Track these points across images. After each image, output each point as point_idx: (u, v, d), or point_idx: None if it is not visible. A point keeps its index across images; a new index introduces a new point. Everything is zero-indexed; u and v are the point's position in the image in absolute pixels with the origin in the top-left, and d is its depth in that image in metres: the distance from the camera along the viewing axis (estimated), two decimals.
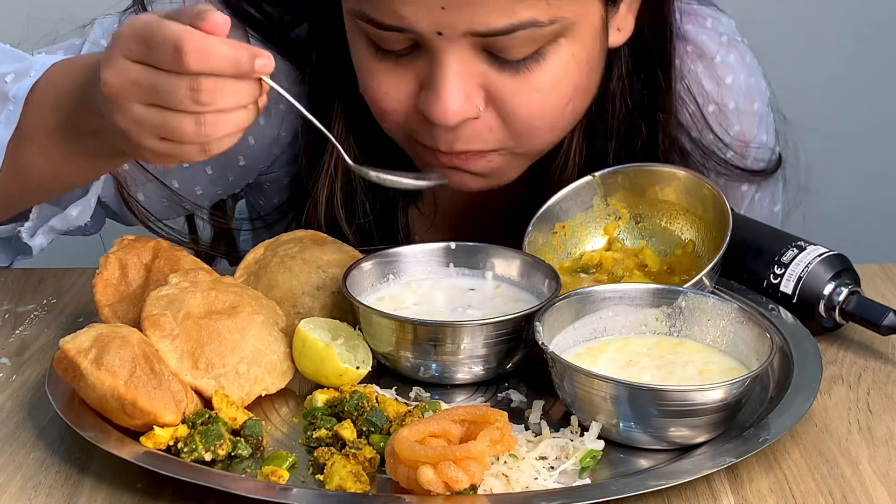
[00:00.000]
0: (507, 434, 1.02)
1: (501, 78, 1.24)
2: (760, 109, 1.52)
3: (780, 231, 1.34)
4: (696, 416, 1.05)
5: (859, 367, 1.22)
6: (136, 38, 1.07)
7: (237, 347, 1.13)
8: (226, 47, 1.06)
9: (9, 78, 1.24)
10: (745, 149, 1.49)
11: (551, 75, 1.24)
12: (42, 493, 1.03)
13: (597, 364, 1.12)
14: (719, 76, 1.47)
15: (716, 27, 1.49)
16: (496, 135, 1.27)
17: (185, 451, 1.04)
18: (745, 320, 1.13)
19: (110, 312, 1.18)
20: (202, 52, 1.05)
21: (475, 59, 1.23)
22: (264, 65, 1.07)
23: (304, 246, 1.25)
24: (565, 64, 1.25)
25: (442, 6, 1.18)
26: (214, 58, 1.05)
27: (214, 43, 1.05)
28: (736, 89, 1.49)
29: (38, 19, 1.51)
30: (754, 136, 1.51)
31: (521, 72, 1.23)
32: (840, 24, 2.26)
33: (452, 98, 1.22)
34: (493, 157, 1.29)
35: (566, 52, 1.24)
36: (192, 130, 1.07)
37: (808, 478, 1.05)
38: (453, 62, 1.22)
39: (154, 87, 1.07)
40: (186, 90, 1.06)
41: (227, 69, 1.06)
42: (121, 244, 1.22)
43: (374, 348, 1.17)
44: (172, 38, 1.05)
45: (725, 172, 1.48)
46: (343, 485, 1.01)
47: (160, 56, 1.06)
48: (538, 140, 1.30)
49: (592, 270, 1.31)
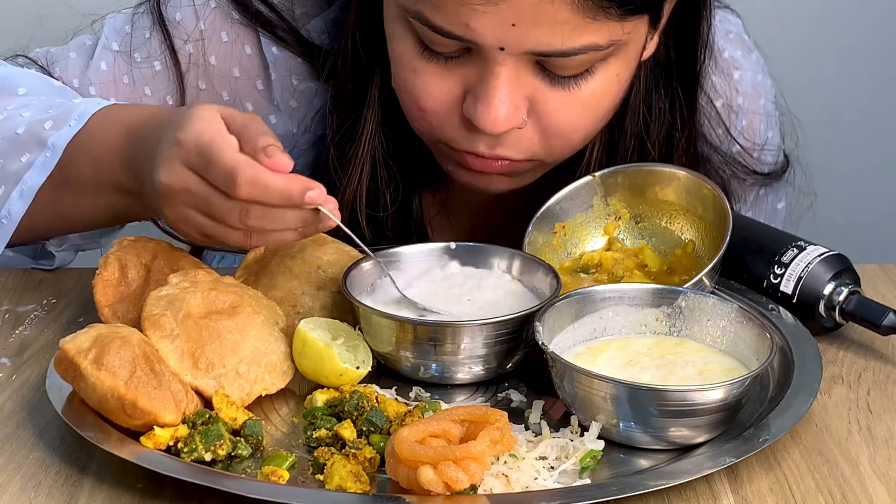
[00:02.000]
0: (507, 434, 1.02)
1: (550, 92, 1.24)
2: (767, 106, 1.52)
3: (780, 231, 1.34)
4: (696, 416, 1.05)
5: (859, 367, 1.22)
6: (198, 152, 1.11)
7: (237, 347, 1.13)
8: (279, 181, 1.09)
9: (47, 125, 1.26)
10: (757, 149, 1.50)
11: (595, 91, 1.25)
12: (42, 493, 1.03)
13: (597, 364, 1.12)
14: (727, 71, 1.48)
15: (723, 24, 1.50)
16: (532, 146, 1.28)
17: (185, 451, 1.04)
18: (745, 320, 1.13)
19: (110, 312, 1.18)
20: (256, 184, 1.08)
21: (527, 73, 1.23)
22: (315, 196, 1.10)
23: (303, 246, 1.25)
24: (609, 82, 1.26)
25: (513, 23, 1.17)
26: (267, 190, 1.09)
27: (269, 176, 1.09)
28: (743, 84, 1.49)
29: (49, 17, 1.51)
30: (760, 134, 1.51)
31: (569, 88, 1.24)
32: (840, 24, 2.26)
33: (502, 107, 1.22)
34: (523, 165, 1.30)
35: (613, 71, 1.25)
36: (238, 240, 1.13)
37: (808, 478, 1.05)
38: (506, 73, 1.22)
39: (207, 201, 1.11)
40: (237, 213, 1.10)
41: (277, 202, 1.09)
42: (121, 244, 1.22)
43: (374, 348, 1.17)
44: (229, 166, 1.09)
45: (744, 178, 1.48)
46: (343, 485, 1.01)
47: (216, 177, 1.10)
48: (569, 151, 1.31)
49: (592, 270, 1.31)
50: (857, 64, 2.26)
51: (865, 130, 2.30)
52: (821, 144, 2.23)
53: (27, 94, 1.32)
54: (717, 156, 1.46)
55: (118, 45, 1.41)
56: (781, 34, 2.19)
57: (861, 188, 2.31)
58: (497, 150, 1.27)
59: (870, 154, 2.31)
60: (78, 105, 1.27)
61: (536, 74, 1.23)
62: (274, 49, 1.41)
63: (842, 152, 2.27)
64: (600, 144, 1.38)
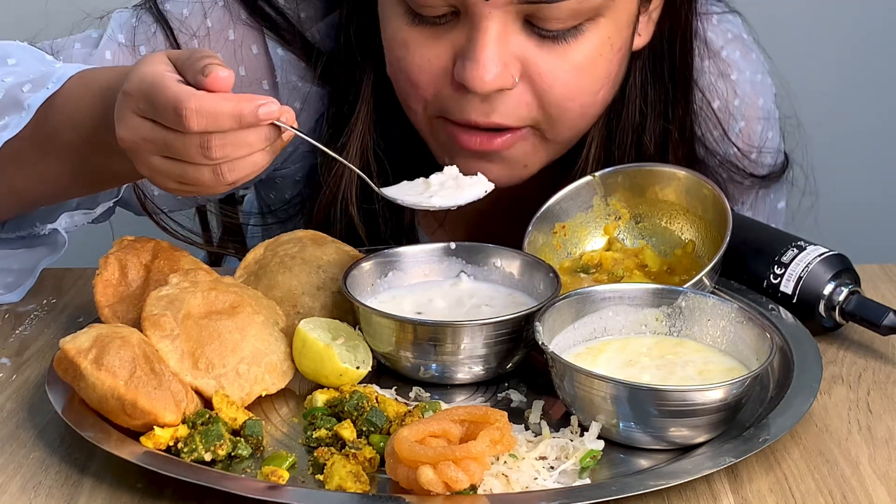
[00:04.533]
0: (507, 434, 1.02)
1: (540, 52, 1.24)
2: (766, 106, 1.52)
3: (780, 231, 1.34)
4: (696, 416, 1.05)
5: (859, 367, 1.22)
6: (143, 97, 1.09)
7: (237, 347, 1.13)
8: (227, 104, 1.06)
9: (26, 87, 1.24)
10: (755, 151, 1.49)
11: (587, 54, 1.25)
12: (42, 493, 1.03)
13: (597, 364, 1.12)
14: (724, 71, 1.47)
15: (722, 24, 1.50)
16: (529, 112, 1.27)
17: (185, 451, 1.04)
18: (745, 320, 1.13)
19: (110, 313, 1.18)
20: (202, 112, 1.06)
21: (516, 30, 1.23)
22: (269, 112, 1.07)
23: (303, 246, 1.25)
24: (601, 45, 1.26)
25: None
26: (216, 117, 1.06)
27: (214, 101, 1.06)
28: (741, 85, 1.49)
29: (57, 12, 1.51)
30: (759, 136, 1.51)
31: (559, 46, 1.24)
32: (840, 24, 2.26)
33: (490, 64, 1.22)
34: (524, 138, 1.29)
35: (604, 33, 1.25)
36: (210, 178, 1.09)
37: (808, 478, 1.05)
38: (494, 29, 1.22)
39: (165, 144, 1.09)
40: (196, 147, 1.07)
41: (230, 125, 1.07)
42: (120, 244, 1.22)
43: (374, 348, 1.17)
44: (172, 101, 1.06)
45: (740, 181, 1.48)
46: (343, 485, 1.01)
47: (164, 116, 1.07)
48: (568, 125, 1.30)
49: (592, 270, 1.31)
50: (857, 64, 2.27)
51: (866, 130, 2.30)
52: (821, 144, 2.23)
53: (17, 64, 1.31)
54: (714, 158, 1.46)
55: (124, 39, 1.41)
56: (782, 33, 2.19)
57: (861, 188, 2.31)
58: (491, 116, 1.26)
59: (870, 154, 2.31)
60: (58, 69, 1.26)
61: (526, 33, 1.24)
62: (279, 51, 1.41)
63: (842, 152, 2.27)
64: (598, 139, 1.38)
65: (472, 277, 1.25)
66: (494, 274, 1.25)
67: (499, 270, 1.25)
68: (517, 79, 1.25)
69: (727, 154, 1.47)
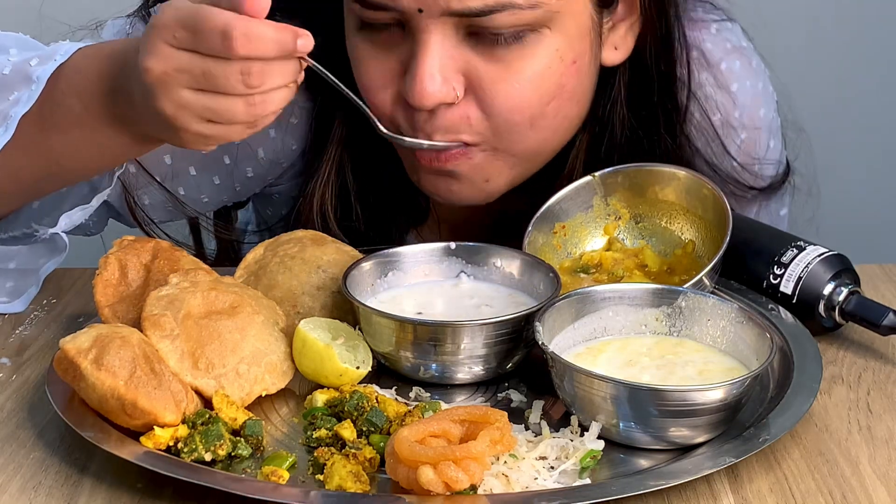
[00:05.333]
0: (507, 434, 1.02)
1: (483, 64, 1.24)
2: (768, 115, 1.50)
3: (779, 231, 1.34)
4: (696, 416, 1.05)
5: (859, 367, 1.22)
6: (181, 25, 1.08)
7: (237, 347, 1.13)
8: (271, 30, 1.07)
9: (33, 62, 1.23)
10: (755, 163, 1.48)
11: (533, 67, 1.25)
12: (42, 493, 1.03)
13: (597, 364, 1.12)
14: (725, 84, 1.46)
15: (721, 33, 1.48)
16: (476, 127, 1.27)
17: (185, 451, 1.04)
18: (745, 320, 1.13)
19: (110, 313, 1.18)
20: (250, 37, 1.06)
21: (457, 44, 1.23)
22: (305, 44, 1.08)
23: (304, 246, 1.25)
24: (548, 58, 1.25)
25: None
26: (262, 42, 1.07)
27: (261, 27, 1.07)
28: (742, 96, 1.47)
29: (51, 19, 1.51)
30: (760, 147, 1.49)
31: (503, 59, 1.24)
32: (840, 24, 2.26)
33: (429, 78, 1.22)
34: (474, 154, 1.29)
35: (550, 46, 1.25)
36: (243, 111, 1.09)
37: (808, 478, 1.05)
38: (433, 43, 1.22)
39: (204, 74, 1.08)
40: (237, 74, 1.07)
41: (274, 52, 1.07)
42: (121, 244, 1.22)
43: (374, 348, 1.17)
44: (221, 24, 1.06)
45: (742, 195, 1.47)
46: (343, 485, 1.01)
47: (208, 43, 1.07)
48: (519, 138, 1.29)
49: (592, 270, 1.31)
50: (857, 64, 2.27)
51: (866, 131, 2.30)
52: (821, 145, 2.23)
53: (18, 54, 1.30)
54: (713, 172, 1.43)
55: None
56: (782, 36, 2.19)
57: (861, 188, 2.31)
58: (434, 135, 1.26)
59: (870, 155, 2.31)
60: (63, 44, 1.25)
61: (470, 46, 1.24)
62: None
63: (842, 153, 2.28)
64: (582, 156, 1.37)
65: (472, 277, 1.25)
66: (494, 274, 1.25)
67: (499, 270, 1.25)
68: (460, 94, 1.24)
69: (727, 168, 1.45)
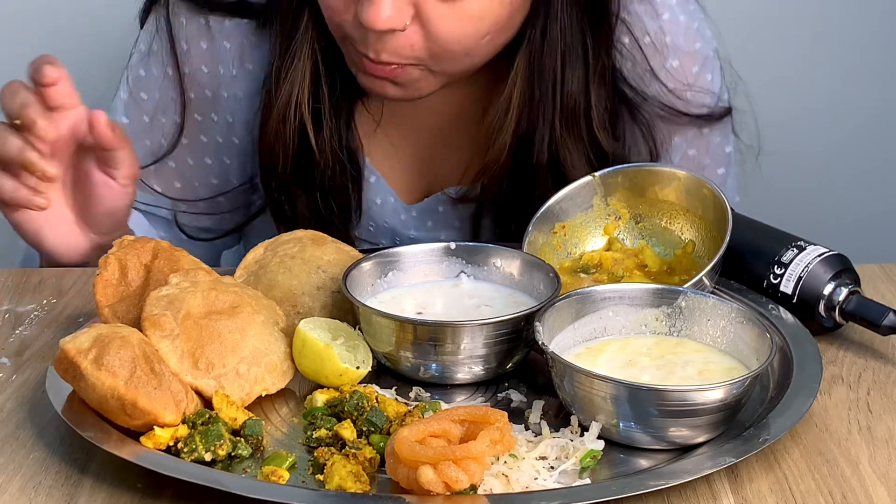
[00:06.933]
0: (507, 434, 1.02)
1: (436, 5, 1.34)
2: (704, 51, 1.54)
3: (780, 231, 1.33)
4: (696, 416, 1.05)
5: (859, 367, 1.22)
6: None
7: (237, 347, 1.13)
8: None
9: None
10: (687, 89, 1.52)
11: (479, 7, 1.35)
12: (42, 493, 1.03)
13: (597, 364, 1.12)
14: (656, 12, 1.51)
15: None
16: (416, 52, 1.37)
17: (185, 451, 1.04)
18: (745, 320, 1.13)
19: (110, 312, 1.18)
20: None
21: None
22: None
23: (303, 246, 1.25)
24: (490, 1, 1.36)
25: None
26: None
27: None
28: (672, 25, 1.52)
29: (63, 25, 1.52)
30: (695, 75, 1.53)
31: (454, 3, 1.34)
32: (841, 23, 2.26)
33: (385, 6, 1.32)
34: (411, 69, 1.40)
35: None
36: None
37: (808, 478, 1.05)
38: None
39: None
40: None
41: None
42: (121, 244, 1.22)
43: (374, 348, 1.17)
44: None
45: (672, 119, 1.52)
46: (343, 485, 1.01)
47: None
48: (453, 63, 1.40)
49: (592, 270, 1.31)
50: (857, 63, 2.26)
51: (866, 130, 2.30)
52: (821, 144, 2.23)
53: None
54: (640, 97, 1.50)
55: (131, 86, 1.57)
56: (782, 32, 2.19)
57: (861, 188, 2.30)
58: (381, 54, 1.37)
59: (870, 154, 2.31)
60: None
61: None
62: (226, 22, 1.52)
63: (842, 152, 2.27)
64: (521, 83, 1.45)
65: (472, 277, 1.25)
66: (494, 274, 1.25)
67: (499, 270, 1.25)
68: (408, 22, 1.35)
69: (657, 92, 1.51)
